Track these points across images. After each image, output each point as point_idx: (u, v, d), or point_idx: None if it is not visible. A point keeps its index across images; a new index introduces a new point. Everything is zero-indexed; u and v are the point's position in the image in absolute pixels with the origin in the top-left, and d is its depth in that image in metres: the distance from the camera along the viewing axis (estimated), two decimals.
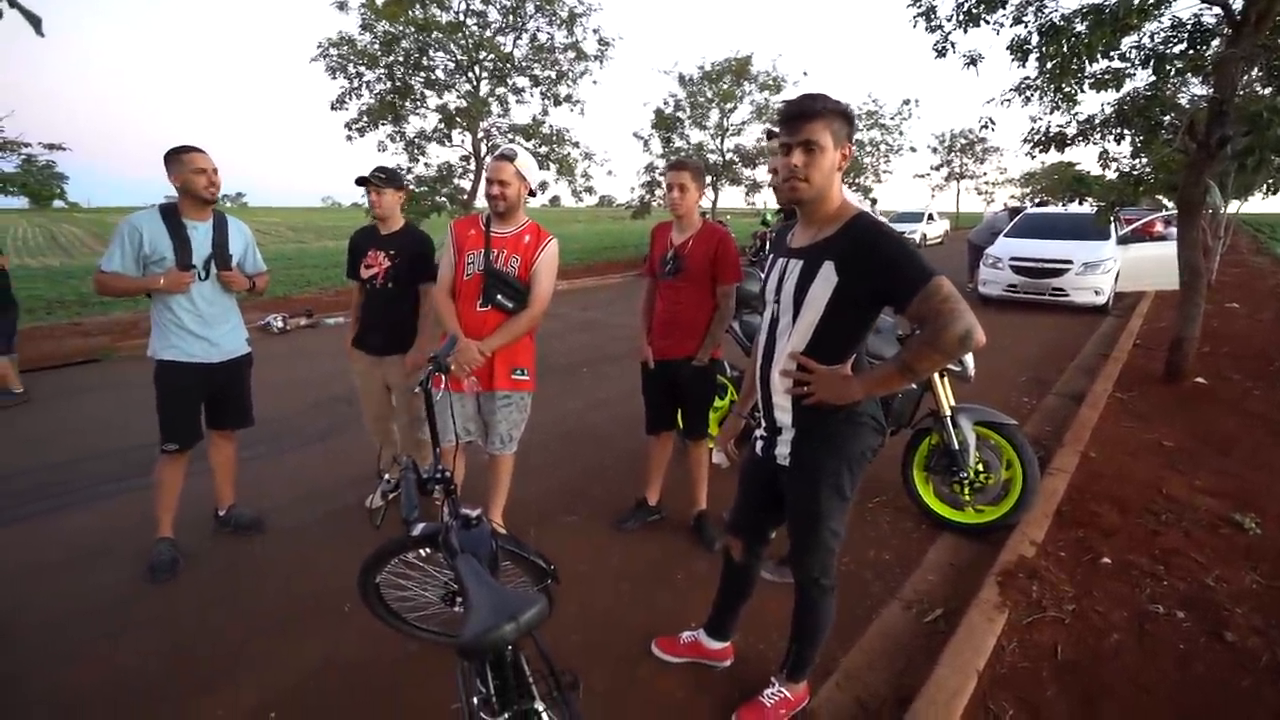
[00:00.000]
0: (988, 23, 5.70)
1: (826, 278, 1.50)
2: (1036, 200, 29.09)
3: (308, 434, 4.46)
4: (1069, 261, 9.00)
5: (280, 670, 2.16)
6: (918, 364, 1.44)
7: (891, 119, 23.39)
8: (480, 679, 1.40)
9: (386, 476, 1.80)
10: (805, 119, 1.47)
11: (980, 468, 2.98)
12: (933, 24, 5.83)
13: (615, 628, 2.36)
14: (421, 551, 1.84)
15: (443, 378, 2.02)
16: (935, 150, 39.00)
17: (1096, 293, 8.85)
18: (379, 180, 2.95)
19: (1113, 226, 9.08)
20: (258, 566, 2.80)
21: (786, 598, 1.88)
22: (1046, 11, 5.52)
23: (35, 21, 0.91)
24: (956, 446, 2.95)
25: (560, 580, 1.84)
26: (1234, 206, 14.99)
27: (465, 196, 12.10)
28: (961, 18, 5.65)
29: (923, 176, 40.33)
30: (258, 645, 2.28)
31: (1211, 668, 2.11)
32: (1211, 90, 4.97)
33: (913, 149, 25.14)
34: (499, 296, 2.54)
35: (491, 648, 1.20)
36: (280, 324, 8.12)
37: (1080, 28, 5.24)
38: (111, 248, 2.56)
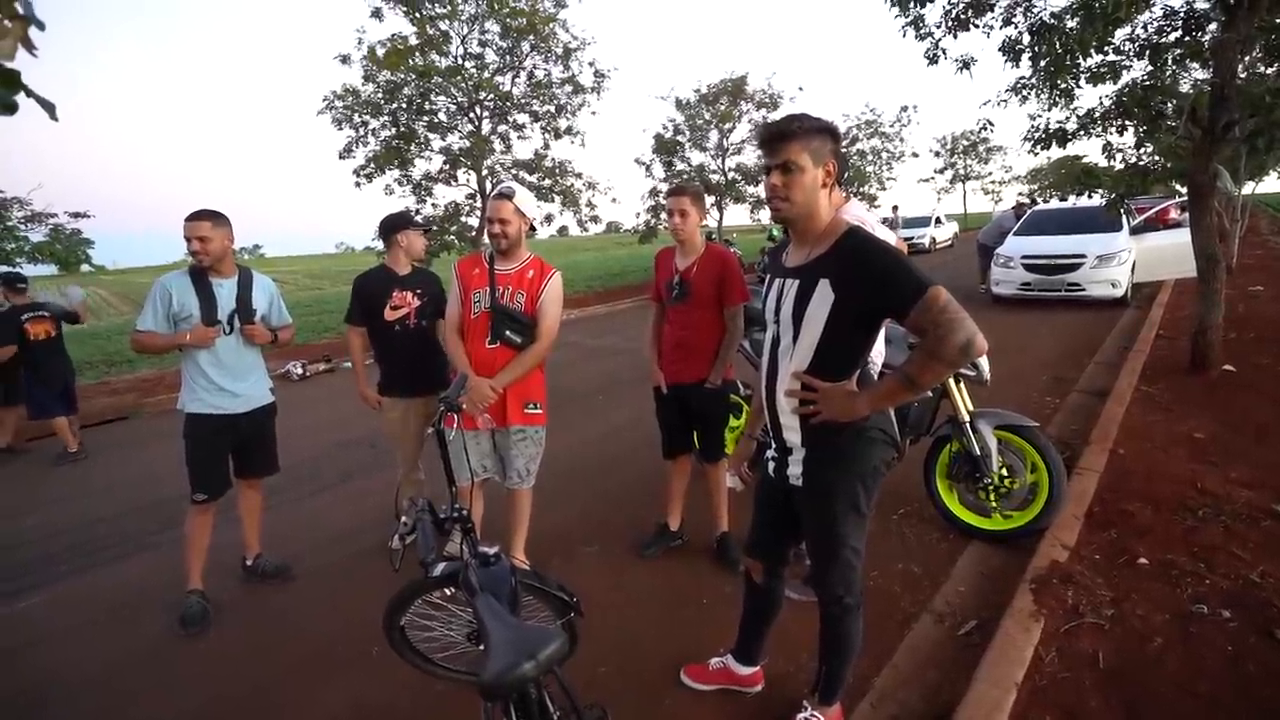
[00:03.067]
0: (977, 26, 5.73)
1: (823, 296, 1.51)
2: (1047, 196, 28.78)
3: (329, 478, 4.51)
4: (1082, 255, 8.88)
5: (310, 717, 2.17)
6: (921, 376, 1.44)
7: (890, 126, 23.49)
8: (506, 718, 1.40)
9: (404, 519, 1.83)
10: (782, 140, 1.50)
11: (1004, 472, 2.92)
12: (922, 32, 5.87)
13: (642, 657, 2.34)
14: (445, 591, 1.84)
15: (455, 417, 2.04)
16: (938, 154, 39.01)
17: (1113, 285, 8.69)
18: (423, 225, 3.27)
19: (1124, 217, 8.95)
20: (285, 613, 2.82)
21: (814, 618, 1.85)
22: (1036, 11, 5.55)
23: (49, 107, 0.96)
24: (978, 452, 2.90)
25: (584, 613, 1.83)
26: (1249, 188, 14.74)
27: (473, 234, 12.33)
28: (950, 24, 5.69)
29: (927, 181, 40.29)
30: (288, 692, 2.30)
31: (1263, 668, 2.02)
32: (1211, 75, 4.94)
33: (914, 154, 25.20)
34: (507, 332, 2.58)
35: (513, 687, 1.20)
36: (300, 370, 8.28)
37: (1071, 24, 5.25)
38: (145, 308, 2.71)
